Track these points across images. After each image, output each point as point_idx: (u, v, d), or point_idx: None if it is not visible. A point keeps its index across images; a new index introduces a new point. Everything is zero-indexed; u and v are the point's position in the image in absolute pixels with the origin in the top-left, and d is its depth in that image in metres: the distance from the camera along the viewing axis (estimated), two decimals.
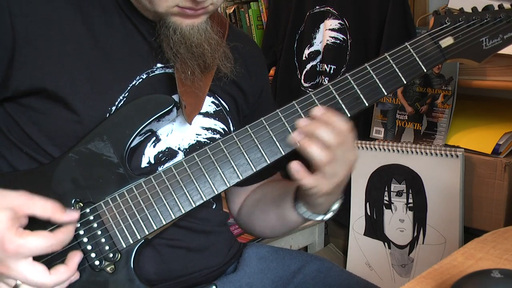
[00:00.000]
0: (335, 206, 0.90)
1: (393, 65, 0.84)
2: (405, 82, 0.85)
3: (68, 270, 0.71)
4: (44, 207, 0.69)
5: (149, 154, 0.86)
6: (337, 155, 0.78)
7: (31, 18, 0.80)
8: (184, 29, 0.81)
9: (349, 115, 0.83)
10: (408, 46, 0.86)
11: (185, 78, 0.84)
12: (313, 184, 0.79)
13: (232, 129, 0.94)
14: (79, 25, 0.83)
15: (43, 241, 0.67)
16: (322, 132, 0.77)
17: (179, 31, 0.81)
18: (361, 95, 0.83)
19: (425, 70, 0.86)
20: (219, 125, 0.93)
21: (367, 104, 0.83)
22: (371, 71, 0.84)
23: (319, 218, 0.90)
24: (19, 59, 0.79)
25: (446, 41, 0.87)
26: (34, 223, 0.70)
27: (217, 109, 0.93)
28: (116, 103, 0.83)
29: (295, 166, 0.79)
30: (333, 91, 0.82)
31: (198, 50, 0.83)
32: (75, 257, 0.72)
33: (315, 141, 0.78)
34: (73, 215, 0.72)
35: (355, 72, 0.84)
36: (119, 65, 0.84)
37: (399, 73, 0.84)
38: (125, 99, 0.83)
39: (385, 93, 0.84)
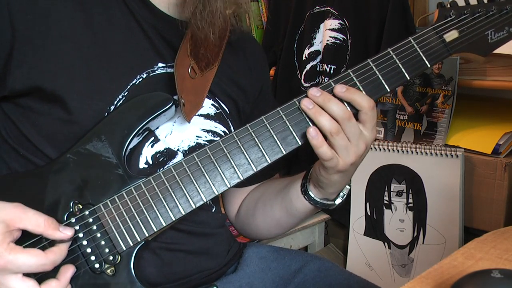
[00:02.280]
0: (345, 191, 0.89)
1: (396, 60, 0.83)
2: (408, 78, 0.83)
3: (59, 285, 0.70)
4: (37, 222, 0.69)
5: (147, 154, 0.85)
6: (347, 129, 0.78)
7: (30, 15, 0.79)
8: None
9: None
10: (412, 40, 0.84)
11: (184, 76, 0.84)
12: (329, 154, 0.78)
13: (232, 131, 0.93)
14: (80, 22, 0.82)
15: (34, 260, 0.67)
16: (332, 105, 0.77)
17: None
18: (363, 92, 0.81)
19: (429, 66, 0.84)
20: (219, 128, 0.92)
21: None
22: (373, 67, 0.82)
23: (329, 203, 0.89)
24: (17, 57, 0.79)
25: (451, 35, 0.85)
26: (30, 235, 0.70)
27: (217, 111, 0.92)
28: (115, 102, 0.82)
29: (313, 132, 0.78)
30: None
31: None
32: (68, 272, 0.72)
33: (325, 113, 0.78)
34: (67, 232, 0.71)
35: (358, 68, 0.82)
36: (119, 63, 0.83)
37: (403, 69, 0.83)
38: (124, 98, 0.82)
39: (388, 90, 0.83)
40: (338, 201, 0.90)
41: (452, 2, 0.88)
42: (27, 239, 0.71)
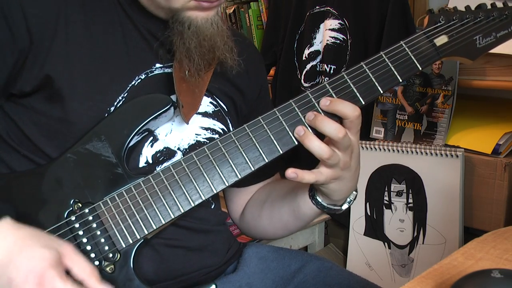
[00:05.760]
0: (352, 197, 0.90)
1: (389, 63, 0.85)
2: (400, 81, 0.85)
3: None
4: (84, 267, 0.67)
5: (147, 153, 0.86)
6: (341, 145, 0.79)
7: (42, 18, 0.80)
8: (199, 23, 0.81)
9: None
10: (404, 44, 0.86)
11: (183, 77, 0.84)
12: (315, 179, 0.80)
13: (231, 129, 0.94)
14: (80, 25, 0.83)
15: None
16: (325, 127, 0.78)
17: (194, 25, 0.81)
18: (357, 94, 0.83)
19: (420, 69, 0.86)
20: (218, 125, 0.93)
21: (363, 103, 0.83)
22: (367, 69, 0.84)
23: (336, 208, 0.90)
24: (31, 59, 0.80)
25: (441, 40, 0.87)
26: (32, 223, 0.70)
27: (215, 109, 0.93)
28: (115, 103, 0.83)
29: (290, 174, 0.79)
30: (330, 89, 0.83)
31: (209, 43, 0.83)
32: None
33: (313, 139, 0.79)
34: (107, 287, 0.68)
35: (352, 71, 0.84)
36: (118, 65, 0.84)
37: (395, 72, 0.85)
38: (124, 99, 0.83)
39: (381, 92, 0.84)
40: (345, 206, 0.91)
41: (441, 8, 0.91)
42: None
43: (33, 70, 0.80)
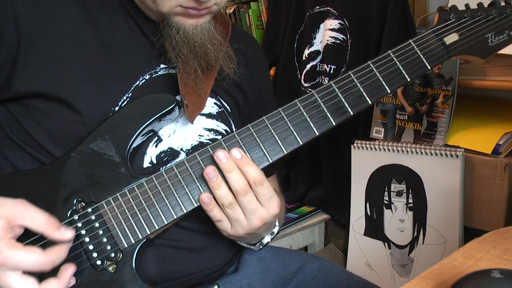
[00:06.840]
0: (265, 240, 0.89)
1: (397, 62, 0.83)
2: (408, 80, 0.84)
3: (59, 284, 0.70)
4: (38, 221, 0.68)
5: (151, 154, 0.86)
6: (242, 203, 0.78)
7: (35, 19, 0.80)
8: (187, 29, 0.81)
9: (352, 113, 0.82)
10: (412, 43, 0.85)
11: (187, 78, 0.84)
12: (219, 219, 0.79)
13: (234, 130, 0.94)
14: (84, 25, 0.83)
15: (33, 258, 0.66)
16: (233, 176, 0.77)
17: (182, 31, 0.81)
18: (364, 93, 0.82)
19: (429, 68, 0.84)
20: (221, 126, 0.93)
21: (370, 103, 0.82)
22: (374, 68, 0.83)
23: (252, 248, 0.91)
24: (22, 60, 0.79)
25: (451, 38, 0.85)
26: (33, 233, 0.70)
27: (219, 110, 0.93)
28: (120, 103, 0.83)
29: (204, 198, 0.78)
30: (336, 89, 0.82)
31: (201, 50, 0.83)
32: (68, 271, 0.71)
33: (223, 182, 0.77)
34: (66, 235, 0.70)
35: (358, 70, 0.83)
36: (123, 65, 0.84)
37: (403, 71, 0.83)
38: (128, 99, 0.83)
39: (389, 91, 0.83)
40: (256, 247, 0.91)
41: (452, 6, 0.88)
42: (29, 237, 0.71)
43: (26, 70, 0.79)
